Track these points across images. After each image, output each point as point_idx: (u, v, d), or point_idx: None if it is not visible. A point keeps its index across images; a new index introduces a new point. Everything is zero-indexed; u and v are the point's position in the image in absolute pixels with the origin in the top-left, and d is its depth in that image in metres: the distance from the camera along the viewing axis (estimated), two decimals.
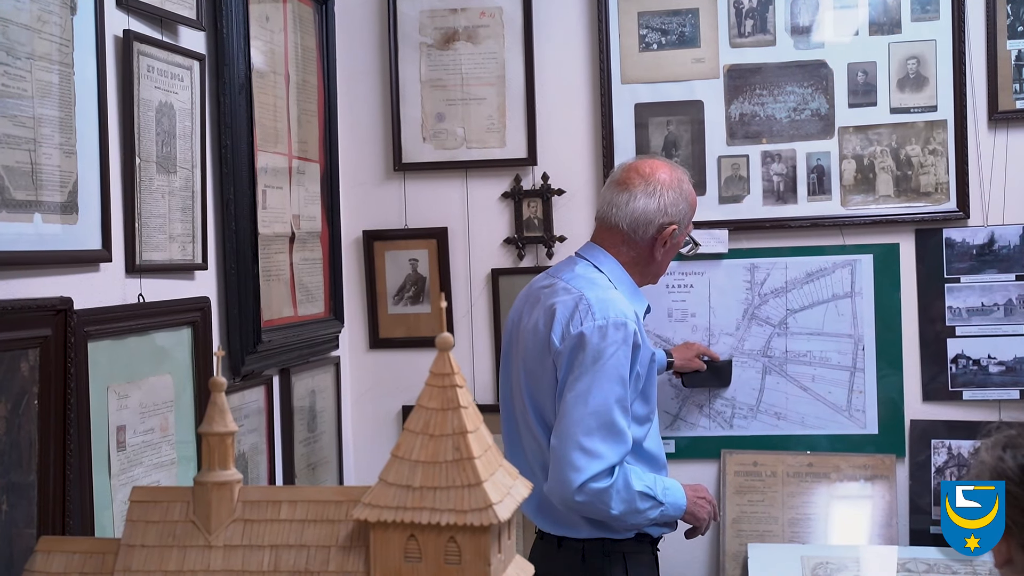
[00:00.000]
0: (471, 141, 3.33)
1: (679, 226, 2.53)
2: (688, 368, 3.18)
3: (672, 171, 2.56)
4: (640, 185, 2.51)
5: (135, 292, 2.12)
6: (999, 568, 1.72)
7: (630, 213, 2.50)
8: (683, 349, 3.21)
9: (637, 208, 2.50)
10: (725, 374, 3.25)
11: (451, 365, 1.28)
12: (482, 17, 3.31)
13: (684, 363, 3.17)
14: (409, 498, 1.23)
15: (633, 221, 2.51)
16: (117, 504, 2.00)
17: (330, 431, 3.19)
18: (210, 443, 1.33)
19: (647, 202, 2.50)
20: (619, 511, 2.35)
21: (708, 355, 3.22)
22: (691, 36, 3.27)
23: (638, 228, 2.51)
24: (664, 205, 2.50)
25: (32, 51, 1.78)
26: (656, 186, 2.50)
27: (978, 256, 3.17)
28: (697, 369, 3.19)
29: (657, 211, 2.50)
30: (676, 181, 2.54)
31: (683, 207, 2.54)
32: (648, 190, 2.50)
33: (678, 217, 2.53)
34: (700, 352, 3.21)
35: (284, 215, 2.83)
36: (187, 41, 2.35)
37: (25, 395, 1.72)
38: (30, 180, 1.77)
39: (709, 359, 3.22)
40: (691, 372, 3.20)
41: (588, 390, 2.33)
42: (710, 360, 3.22)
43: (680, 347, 3.22)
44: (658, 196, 2.50)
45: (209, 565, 1.31)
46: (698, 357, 3.20)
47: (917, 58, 3.18)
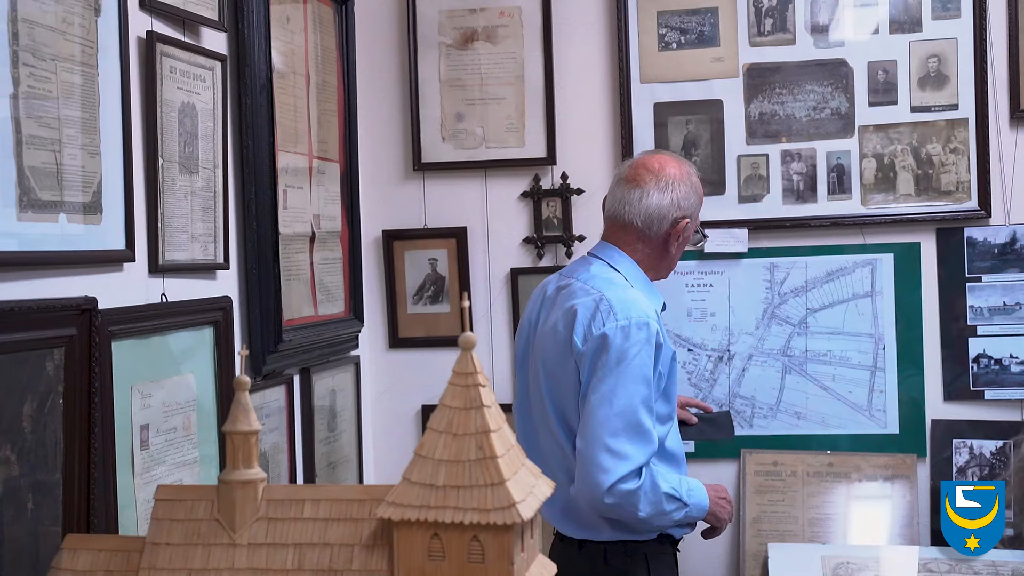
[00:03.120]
0: (490, 141, 3.33)
1: (691, 219, 2.53)
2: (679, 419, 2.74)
3: (680, 164, 2.55)
4: (651, 181, 2.50)
5: (158, 292, 2.13)
6: None
7: (644, 209, 2.50)
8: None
9: (651, 204, 2.49)
10: (724, 425, 2.84)
11: (474, 364, 1.28)
12: (501, 17, 3.32)
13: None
14: (432, 497, 1.24)
15: (648, 217, 2.50)
16: (140, 503, 2.01)
17: (350, 430, 3.20)
18: (234, 442, 1.34)
19: (660, 197, 2.49)
20: (646, 513, 2.34)
21: (698, 407, 2.88)
22: (710, 35, 3.26)
23: (652, 224, 2.50)
24: (677, 199, 2.50)
25: (56, 52, 1.80)
26: (668, 181, 2.50)
27: (1000, 255, 3.16)
28: (685, 421, 2.77)
29: (671, 205, 2.49)
30: (685, 174, 2.53)
31: (694, 200, 2.54)
32: (660, 185, 2.49)
33: (690, 210, 2.52)
34: (688, 404, 2.87)
35: (304, 215, 2.84)
36: (209, 42, 2.36)
37: (50, 394, 1.73)
38: (55, 181, 1.78)
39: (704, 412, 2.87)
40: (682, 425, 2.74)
41: (613, 391, 2.32)
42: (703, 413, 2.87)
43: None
44: (671, 190, 2.49)
45: (233, 563, 1.32)
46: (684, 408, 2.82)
47: (938, 56, 3.17)
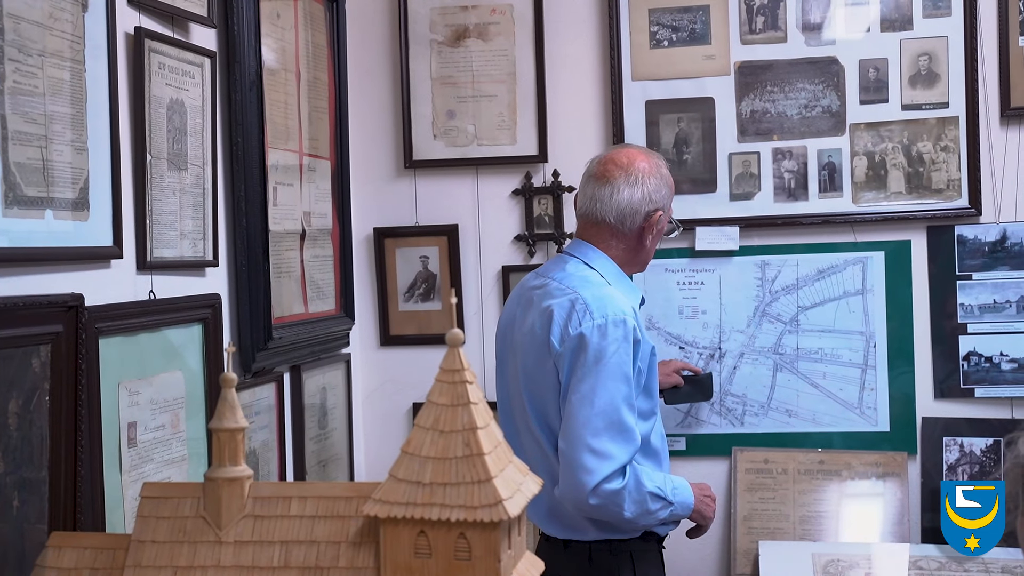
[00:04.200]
0: (482, 138, 3.33)
1: (664, 211, 2.53)
2: (666, 384, 3.05)
3: (648, 157, 2.55)
4: (621, 176, 2.49)
5: (146, 289, 2.12)
6: None
7: (616, 206, 2.49)
8: (661, 366, 3.01)
9: (622, 200, 2.49)
10: (707, 387, 3.14)
11: (461, 361, 1.28)
12: (493, 14, 3.31)
13: (662, 380, 2.99)
14: (419, 494, 1.23)
15: (620, 213, 2.50)
16: (128, 500, 2.00)
17: (341, 428, 3.19)
18: (220, 439, 1.33)
19: (631, 192, 2.49)
20: (632, 513, 2.34)
21: (688, 369, 3.14)
22: (702, 33, 3.26)
23: (625, 219, 2.50)
24: (648, 192, 2.49)
25: (44, 48, 1.79)
26: (637, 175, 2.49)
27: (990, 253, 3.16)
28: (676, 385, 3.09)
29: (642, 200, 2.49)
30: (655, 167, 2.53)
31: (665, 192, 2.54)
32: (630, 180, 2.49)
33: (662, 203, 2.52)
34: (679, 367, 3.11)
35: (295, 212, 2.83)
36: (198, 38, 2.36)
37: (36, 391, 1.72)
38: (41, 177, 1.77)
39: (689, 373, 3.14)
40: (670, 388, 3.08)
41: (593, 390, 2.31)
42: (690, 374, 3.14)
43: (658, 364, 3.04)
44: (641, 184, 2.49)
45: (220, 561, 1.31)
46: (677, 372, 3.10)
47: (929, 55, 3.17)
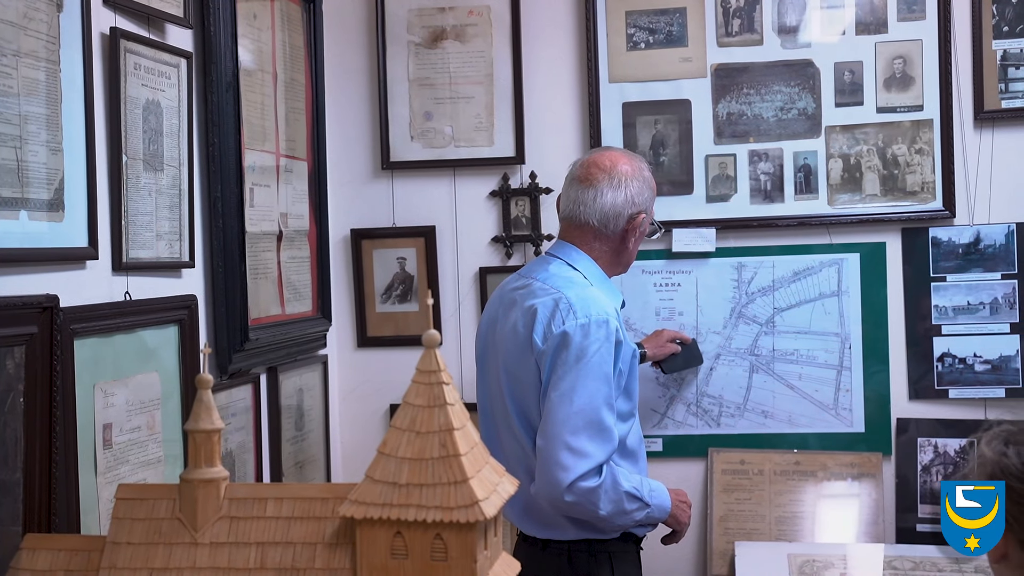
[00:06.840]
0: (459, 140, 3.33)
1: (646, 213, 2.55)
2: (663, 354, 3.14)
3: (631, 160, 2.57)
4: (604, 179, 2.51)
5: (122, 290, 2.11)
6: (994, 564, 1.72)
7: (599, 209, 2.51)
8: (653, 338, 3.17)
9: (605, 203, 2.51)
10: (697, 352, 3.24)
11: (438, 362, 1.28)
12: (470, 16, 3.31)
13: (657, 351, 3.12)
14: (395, 495, 1.24)
15: (603, 216, 2.51)
16: (103, 502, 1.99)
17: (318, 429, 3.18)
18: (196, 440, 1.33)
19: (614, 195, 2.51)
20: (607, 511, 2.35)
21: (679, 337, 3.20)
22: (679, 35, 3.27)
23: (608, 222, 2.52)
24: (631, 195, 2.51)
25: (18, 48, 1.78)
26: (620, 178, 2.51)
27: (964, 255, 3.18)
28: (672, 353, 3.16)
29: (625, 202, 2.51)
30: (637, 170, 2.55)
31: (647, 194, 2.56)
32: (613, 183, 2.51)
33: (645, 205, 2.54)
34: (671, 336, 3.18)
35: (272, 213, 2.83)
36: (174, 39, 2.35)
37: (11, 393, 1.71)
38: (16, 177, 1.76)
39: (680, 341, 3.20)
40: (668, 357, 3.17)
41: (573, 389, 2.33)
42: (681, 342, 3.20)
43: (650, 337, 3.18)
44: (624, 187, 2.51)
45: (195, 562, 1.31)
46: (671, 341, 3.18)
47: (903, 58, 3.19)
